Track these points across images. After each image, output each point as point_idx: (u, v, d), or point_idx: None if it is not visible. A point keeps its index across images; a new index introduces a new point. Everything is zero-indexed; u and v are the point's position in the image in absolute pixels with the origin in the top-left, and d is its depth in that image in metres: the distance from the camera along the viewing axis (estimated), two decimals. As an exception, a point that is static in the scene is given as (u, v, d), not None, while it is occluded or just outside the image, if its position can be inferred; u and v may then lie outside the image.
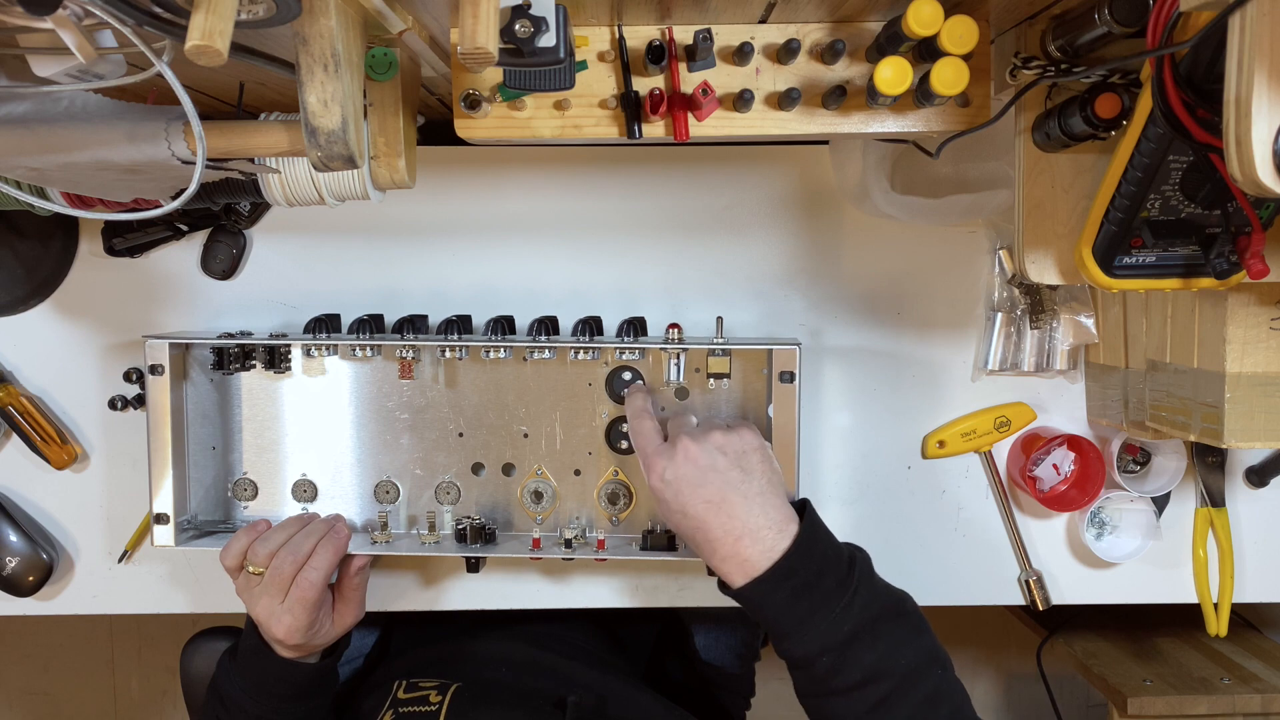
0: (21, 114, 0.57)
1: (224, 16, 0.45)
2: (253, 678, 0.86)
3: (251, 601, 0.83)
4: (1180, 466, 0.93)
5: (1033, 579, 0.95)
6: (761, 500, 0.72)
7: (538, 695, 0.90)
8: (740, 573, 0.71)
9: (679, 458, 0.74)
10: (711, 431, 0.76)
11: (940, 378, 0.95)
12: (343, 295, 0.94)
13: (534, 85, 0.63)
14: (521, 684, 0.93)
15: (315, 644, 0.85)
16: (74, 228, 0.94)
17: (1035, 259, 0.70)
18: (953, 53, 0.61)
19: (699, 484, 0.72)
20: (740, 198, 0.93)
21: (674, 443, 0.75)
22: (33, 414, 0.93)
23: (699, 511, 0.72)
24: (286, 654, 0.84)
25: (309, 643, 0.84)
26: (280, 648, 0.84)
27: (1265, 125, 0.45)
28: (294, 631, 0.81)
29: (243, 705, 0.86)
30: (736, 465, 0.74)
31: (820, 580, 0.70)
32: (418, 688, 0.89)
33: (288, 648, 0.84)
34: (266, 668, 0.85)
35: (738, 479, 0.73)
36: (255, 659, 0.86)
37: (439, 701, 0.86)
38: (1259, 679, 1.17)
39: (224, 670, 0.89)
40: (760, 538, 0.71)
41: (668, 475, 0.74)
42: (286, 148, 0.60)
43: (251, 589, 0.83)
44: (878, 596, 0.72)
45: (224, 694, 0.87)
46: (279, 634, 0.82)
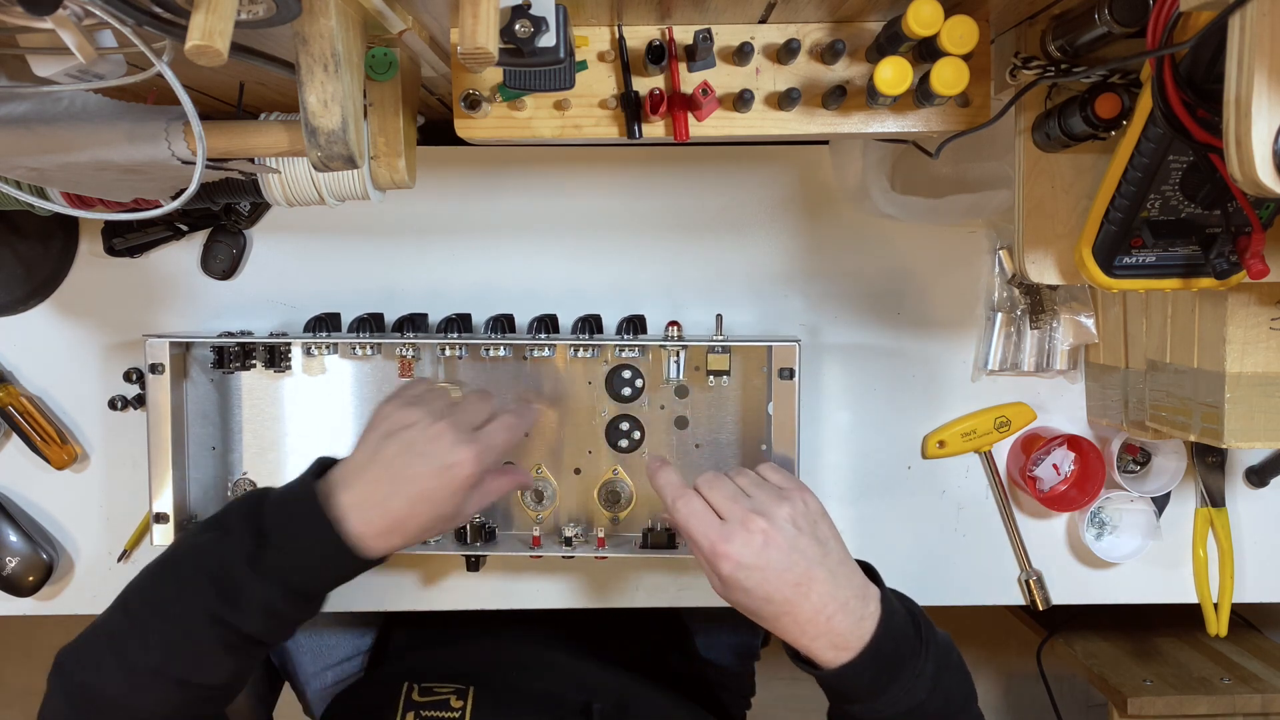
0: (21, 114, 0.57)
1: (224, 16, 0.45)
2: (297, 561, 0.66)
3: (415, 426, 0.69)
4: (1180, 466, 0.93)
5: (1033, 579, 0.95)
6: (843, 570, 0.70)
7: (559, 701, 0.89)
8: (832, 648, 0.68)
9: (757, 542, 0.67)
10: (778, 505, 0.70)
11: (940, 377, 0.95)
12: (343, 295, 0.94)
13: (534, 85, 0.63)
14: (539, 688, 0.92)
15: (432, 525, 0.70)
16: (74, 228, 0.94)
17: (1035, 259, 0.70)
18: (953, 53, 0.61)
19: (785, 568, 0.67)
20: (740, 197, 0.93)
21: (744, 524, 0.68)
22: (33, 414, 0.93)
23: (786, 596, 0.67)
24: (360, 531, 0.67)
25: (442, 518, 0.70)
26: (366, 518, 0.67)
27: (1265, 125, 0.45)
28: (465, 472, 0.68)
29: (259, 598, 0.65)
30: (812, 538, 0.69)
31: (899, 648, 0.69)
32: (433, 691, 0.87)
33: (384, 523, 0.68)
34: (323, 552, 0.67)
35: (819, 554, 0.69)
36: (308, 535, 0.67)
37: (461, 706, 0.84)
38: (1259, 679, 1.17)
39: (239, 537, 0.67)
40: (850, 610, 0.68)
41: (747, 561, 0.67)
42: (286, 148, 0.60)
43: (424, 409, 0.70)
44: (939, 650, 0.71)
45: (234, 585, 0.66)
46: (454, 475, 0.68)
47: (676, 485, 0.73)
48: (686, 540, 0.72)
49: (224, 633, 0.65)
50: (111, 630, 0.68)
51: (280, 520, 0.67)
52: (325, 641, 1.09)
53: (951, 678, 0.71)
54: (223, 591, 0.65)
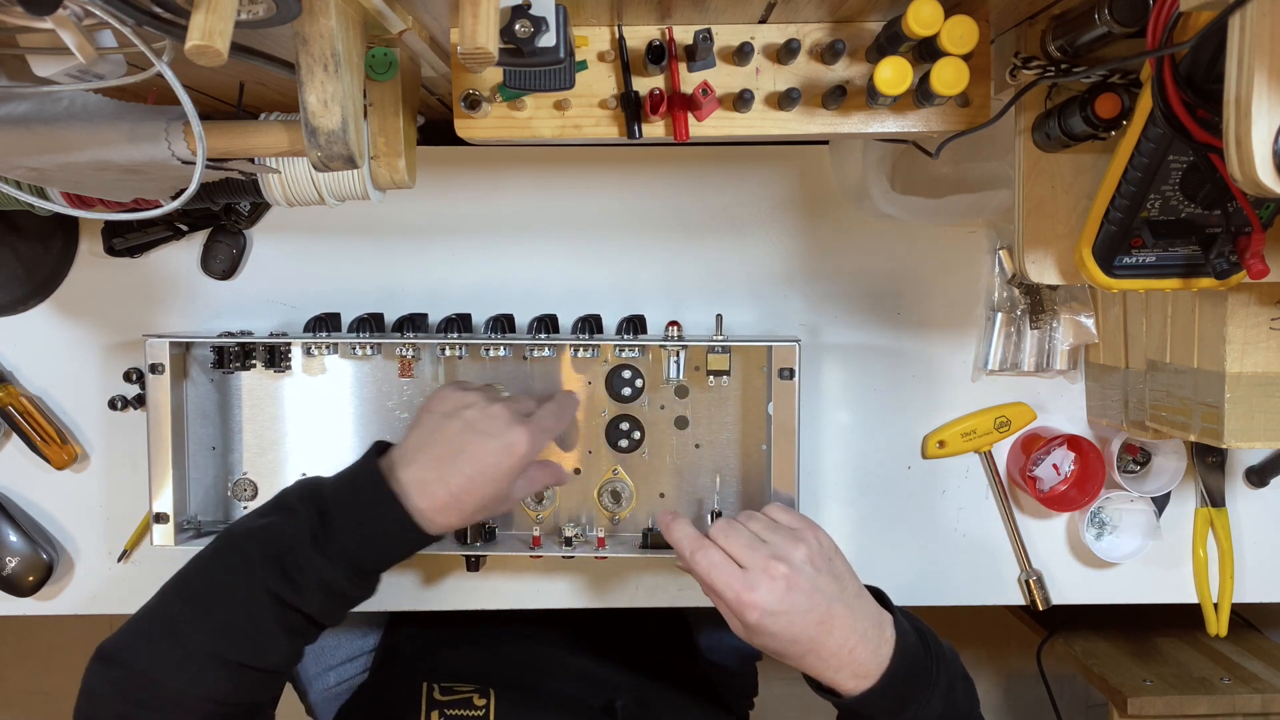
0: (21, 114, 0.57)
1: (224, 16, 0.45)
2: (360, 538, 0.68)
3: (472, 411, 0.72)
4: (1180, 466, 0.93)
5: (1033, 579, 0.95)
6: (860, 602, 0.72)
7: (579, 699, 0.90)
8: (854, 677, 0.70)
9: (780, 588, 0.68)
10: (795, 547, 0.71)
11: (940, 377, 0.95)
12: (342, 295, 0.94)
13: (534, 85, 0.63)
14: (557, 687, 0.92)
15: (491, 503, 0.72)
16: (74, 228, 0.94)
17: (1035, 259, 0.70)
18: (953, 53, 0.61)
19: (808, 609, 0.69)
20: (740, 197, 0.93)
21: (766, 571, 0.69)
22: (33, 414, 0.93)
23: (811, 635, 0.69)
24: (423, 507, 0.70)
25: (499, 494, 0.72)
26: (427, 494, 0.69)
27: (1265, 125, 0.45)
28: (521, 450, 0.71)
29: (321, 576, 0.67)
30: (830, 575, 0.71)
31: (913, 669, 0.71)
32: (454, 690, 0.87)
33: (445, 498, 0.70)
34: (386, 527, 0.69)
35: (837, 590, 0.71)
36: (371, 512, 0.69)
37: (484, 705, 0.85)
38: (1259, 679, 1.17)
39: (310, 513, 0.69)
40: (869, 639, 0.70)
41: (772, 608, 0.68)
42: (286, 148, 0.60)
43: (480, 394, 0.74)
44: (948, 664, 0.73)
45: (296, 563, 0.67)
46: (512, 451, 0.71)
47: (693, 537, 0.73)
48: (707, 592, 0.72)
49: (284, 612, 0.67)
50: (167, 616, 0.69)
51: (344, 498, 0.70)
52: (327, 642, 1.09)
53: (960, 688, 0.74)
54: (285, 571, 0.67)
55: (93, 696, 0.67)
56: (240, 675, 0.67)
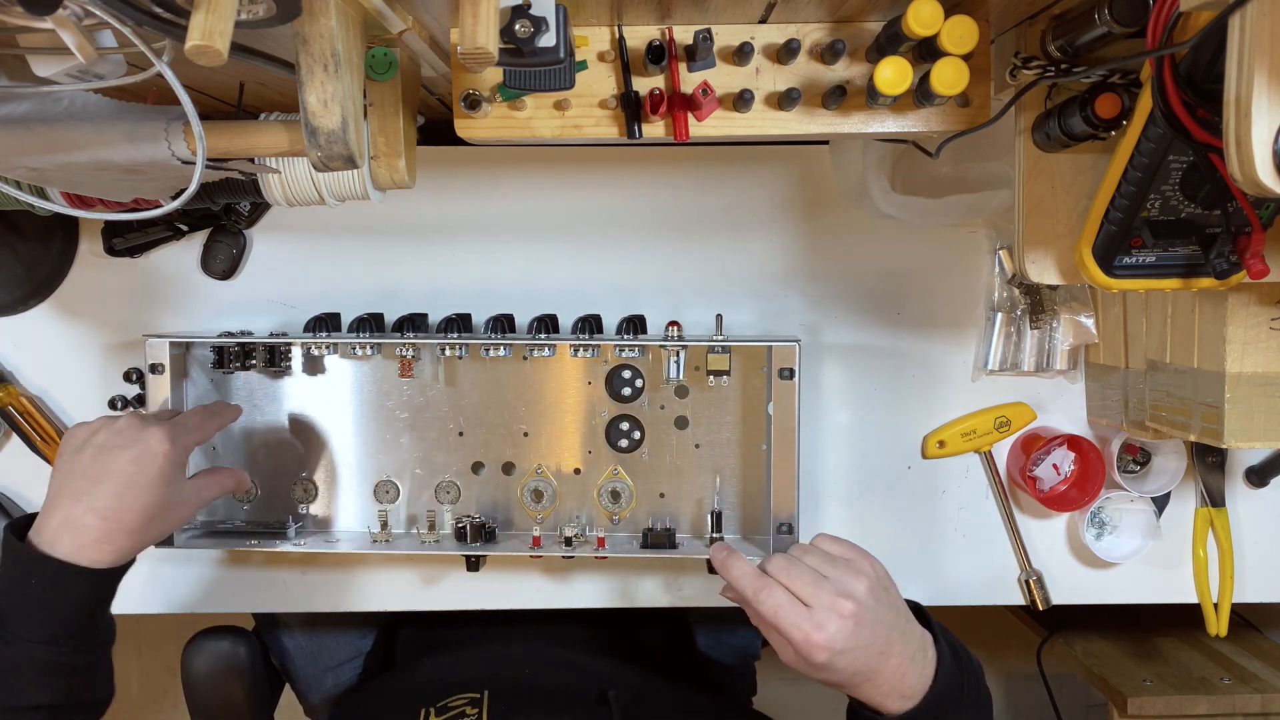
0: (21, 114, 0.57)
1: (224, 16, 0.45)
2: (37, 617, 0.66)
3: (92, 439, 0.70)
4: (1180, 466, 0.93)
5: (1033, 579, 0.95)
6: (910, 628, 0.72)
7: (574, 694, 0.90)
8: (899, 698, 0.70)
9: (849, 626, 0.67)
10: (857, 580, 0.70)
11: (940, 378, 0.95)
12: (342, 295, 0.94)
13: (534, 85, 0.63)
14: (553, 684, 0.92)
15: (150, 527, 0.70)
16: (74, 228, 0.94)
17: (1035, 259, 0.70)
18: (953, 53, 0.61)
19: (871, 642, 0.68)
20: (740, 198, 0.93)
21: (834, 609, 0.68)
22: (33, 414, 0.93)
23: (873, 666, 0.69)
24: (78, 546, 0.67)
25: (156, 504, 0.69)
26: (77, 532, 0.67)
27: (1265, 125, 0.45)
28: (160, 448, 0.69)
29: (31, 664, 0.66)
30: (890, 606, 0.71)
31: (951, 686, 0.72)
32: (448, 708, 0.86)
33: (98, 528, 0.67)
34: (50, 590, 0.66)
35: (893, 619, 0.71)
36: (33, 581, 0.66)
37: (476, 714, 0.84)
38: (1259, 679, 1.17)
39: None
40: (917, 662, 0.70)
41: (840, 646, 0.67)
42: (286, 148, 0.60)
43: (105, 419, 0.73)
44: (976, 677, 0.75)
45: (7, 671, 0.66)
46: (151, 452, 0.69)
47: (754, 575, 0.71)
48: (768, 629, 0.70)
49: (21, 715, 0.65)
50: None
51: (4, 586, 0.67)
52: (326, 643, 1.09)
53: (982, 696, 0.75)
54: (3, 683, 0.65)
55: None
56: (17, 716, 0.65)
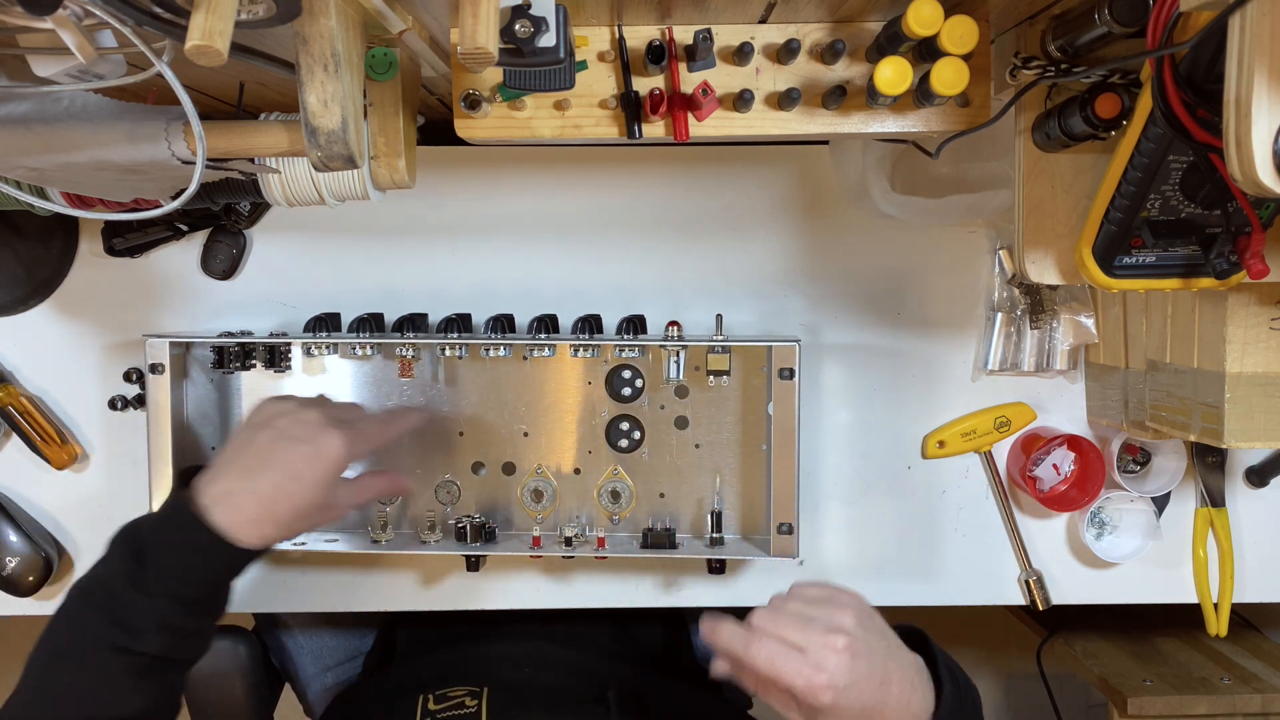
0: (21, 114, 0.57)
1: (224, 16, 0.45)
2: (176, 567, 0.67)
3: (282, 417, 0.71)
4: (1180, 466, 0.93)
5: (1033, 579, 0.95)
6: (901, 652, 0.71)
7: (573, 692, 0.90)
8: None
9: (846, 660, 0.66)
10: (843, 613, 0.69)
11: (940, 378, 0.95)
12: (342, 295, 0.94)
13: (534, 85, 0.63)
14: (552, 682, 0.92)
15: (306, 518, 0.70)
16: (74, 228, 0.94)
17: (1035, 259, 0.70)
18: (953, 53, 0.61)
19: (869, 673, 0.67)
20: (740, 198, 0.93)
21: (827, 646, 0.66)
22: (33, 414, 0.93)
23: (877, 698, 0.67)
24: (232, 520, 0.68)
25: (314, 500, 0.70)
26: (235, 506, 0.68)
27: (1265, 125, 0.45)
28: (333, 453, 0.70)
29: (150, 616, 0.66)
30: (879, 634, 0.70)
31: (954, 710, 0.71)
32: (447, 697, 0.87)
33: (255, 508, 0.68)
34: (196, 549, 0.67)
35: (885, 646, 0.70)
36: (179, 538, 0.67)
37: (475, 706, 0.85)
38: (1259, 679, 1.17)
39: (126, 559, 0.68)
40: (917, 686, 0.70)
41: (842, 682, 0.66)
42: (286, 148, 0.60)
43: (296, 401, 0.73)
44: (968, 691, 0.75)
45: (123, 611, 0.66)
46: (323, 455, 0.69)
47: (741, 633, 0.69)
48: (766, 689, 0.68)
49: (129, 660, 0.66)
50: (22, 695, 0.68)
51: (151, 534, 0.68)
52: (326, 643, 1.09)
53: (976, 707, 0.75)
54: (114, 621, 0.66)
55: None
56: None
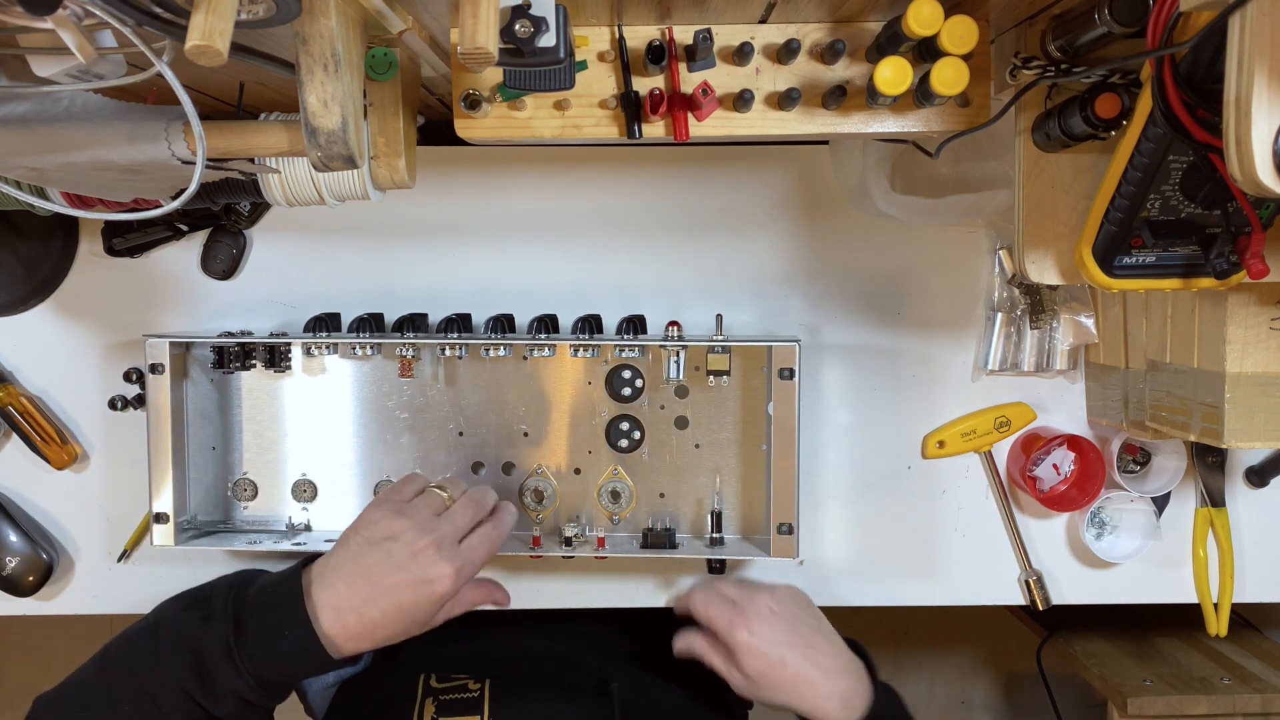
0: (21, 114, 0.57)
1: (224, 16, 0.45)
2: (270, 654, 0.68)
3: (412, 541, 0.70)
4: (1180, 466, 0.93)
5: (1033, 579, 0.95)
6: (836, 640, 0.81)
7: (576, 684, 0.91)
8: (843, 706, 0.77)
9: (767, 615, 0.79)
10: (771, 587, 0.82)
11: (940, 378, 0.95)
12: (342, 295, 0.94)
13: (534, 85, 0.63)
14: (555, 674, 0.94)
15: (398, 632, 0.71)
16: (74, 228, 0.94)
17: (1035, 259, 0.70)
18: (953, 53, 0.61)
19: (789, 635, 0.78)
20: (740, 198, 0.93)
21: (753, 600, 0.80)
22: (33, 414, 0.93)
23: (798, 661, 0.77)
24: (335, 633, 0.69)
25: (413, 628, 0.71)
26: (341, 620, 0.68)
27: (1265, 125, 0.45)
28: (443, 589, 0.70)
29: (232, 687, 0.68)
30: (807, 611, 0.82)
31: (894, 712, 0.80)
32: (450, 678, 0.89)
33: (358, 627, 0.69)
34: (295, 647, 0.68)
35: (814, 625, 0.81)
36: (283, 629, 0.69)
37: (478, 689, 0.86)
38: (1259, 679, 1.17)
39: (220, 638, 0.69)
40: (850, 673, 0.78)
41: (757, 629, 0.78)
42: (286, 148, 0.60)
43: (411, 521, 0.71)
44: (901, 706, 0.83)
45: (209, 670, 0.68)
46: (434, 593, 0.69)
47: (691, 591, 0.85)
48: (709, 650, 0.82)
49: (194, 710, 0.68)
50: (87, 687, 0.70)
51: (260, 609, 0.70)
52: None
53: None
54: (198, 673, 0.68)
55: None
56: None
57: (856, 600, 0.97)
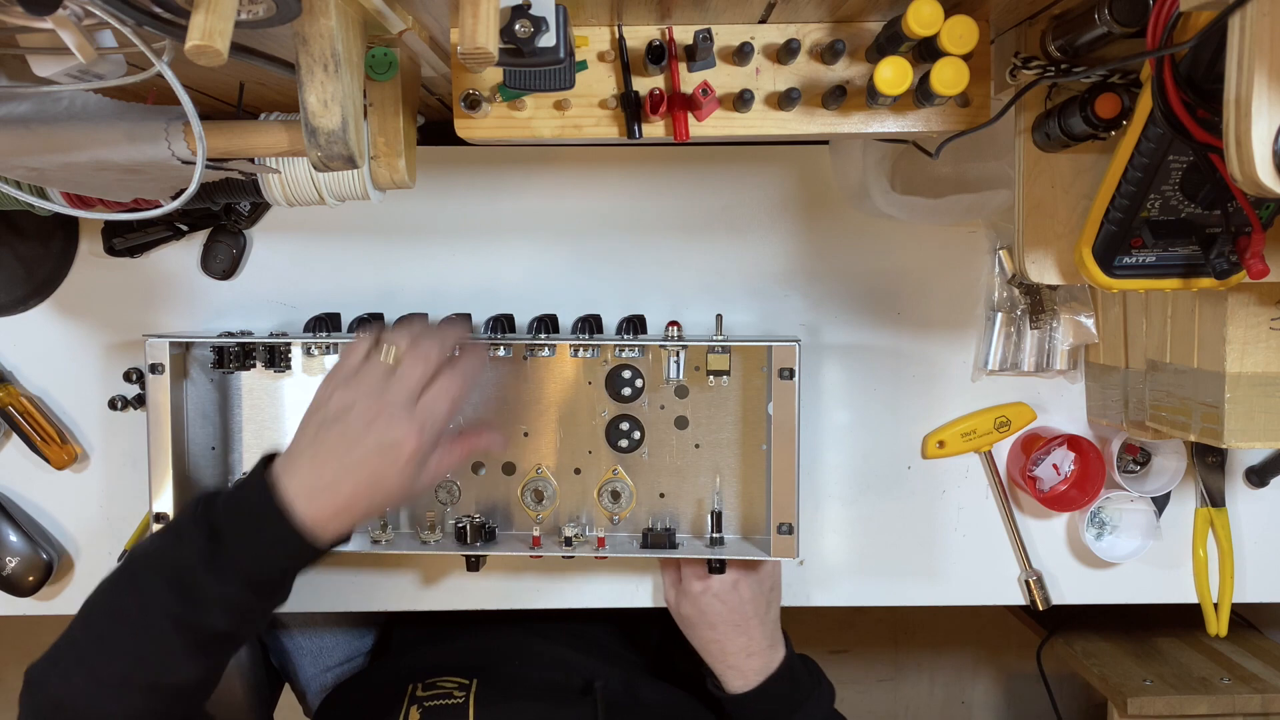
0: (21, 114, 0.57)
1: (224, 16, 0.45)
2: (252, 553, 0.67)
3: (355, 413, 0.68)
4: (1180, 466, 0.93)
5: (1033, 579, 0.95)
6: (776, 632, 0.91)
7: (561, 685, 0.91)
8: (740, 679, 0.88)
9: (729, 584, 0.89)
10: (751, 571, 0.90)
11: (940, 377, 0.95)
12: (343, 295, 0.94)
13: (534, 85, 0.63)
14: (541, 675, 0.94)
15: (380, 505, 0.70)
16: (74, 228, 0.94)
17: (1035, 259, 0.70)
18: (953, 53, 0.61)
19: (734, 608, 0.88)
20: (740, 198, 0.93)
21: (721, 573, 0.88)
22: (33, 414, 0.93)
23: (728, 627, 0.89)
24: (311, 516, 0.67)
25: (392, 495, 0.69)
26: (315, 503, 0.67)
27: (1265, 125, 0.45)
28: (408, 449, 0.68)
29: (219, 595, 0.66)
30: (763, 595, 0.90)
31: (795, 690, 0.89)
32: (436, 686, 0.89)
33: (333, 507, 0.67)
34: (275, 539, 0.67)
35: (764, 610, 0.90)
36: (259, 525, 0.67)
37: (463, 697, 0.87)
38: (1259, 679, 1.17)
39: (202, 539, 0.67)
40: (762, 654, 0.89)
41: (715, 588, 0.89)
42: (286, 148, 0.60)
43: (361, 390, 0.70)
44: (822, 698, 0.91)
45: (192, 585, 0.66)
46: (401, 454, 0.68)
47: None
48: (669, 565, 0.93)
49: (189, 634, 0.66)
50: (76, 644, 0.69)
51: (231, 515, 0.68)
52: (325, 643, 1.09)
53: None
54: (182, 594, 0.66)
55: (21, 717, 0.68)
56: (155, 696, 0.67)
57: (856, 600, 0.97)
